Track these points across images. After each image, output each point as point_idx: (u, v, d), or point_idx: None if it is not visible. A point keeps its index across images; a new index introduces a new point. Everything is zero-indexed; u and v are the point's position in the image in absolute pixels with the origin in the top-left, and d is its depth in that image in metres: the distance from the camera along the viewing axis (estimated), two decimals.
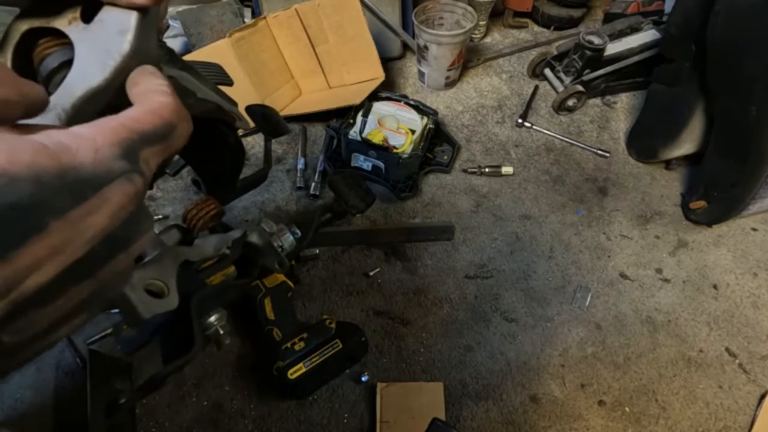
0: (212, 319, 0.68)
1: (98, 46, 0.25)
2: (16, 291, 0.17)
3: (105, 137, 0.19)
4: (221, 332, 0.68)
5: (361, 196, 0.89)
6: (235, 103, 0.51)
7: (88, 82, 0.25)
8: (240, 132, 1.21)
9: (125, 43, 0.25)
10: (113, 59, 0.25)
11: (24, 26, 0.28)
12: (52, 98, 0.25)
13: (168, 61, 0.38)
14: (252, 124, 0.71)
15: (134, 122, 0.20)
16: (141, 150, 0.20)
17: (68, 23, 0.27)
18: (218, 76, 0.54)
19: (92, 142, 0.18)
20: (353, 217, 0.99)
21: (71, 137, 0.18)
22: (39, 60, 0.28)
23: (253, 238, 0.69)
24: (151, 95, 0.22)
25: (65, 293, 0.19)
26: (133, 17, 0.25)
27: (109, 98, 0.26)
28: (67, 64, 0.26)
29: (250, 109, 0.75)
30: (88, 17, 0.26)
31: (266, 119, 0.74)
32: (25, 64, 0.29)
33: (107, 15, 0.26)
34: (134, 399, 0.73)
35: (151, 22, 0.26)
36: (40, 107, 0.20)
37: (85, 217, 0.18)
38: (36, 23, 0.27)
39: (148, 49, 0.26)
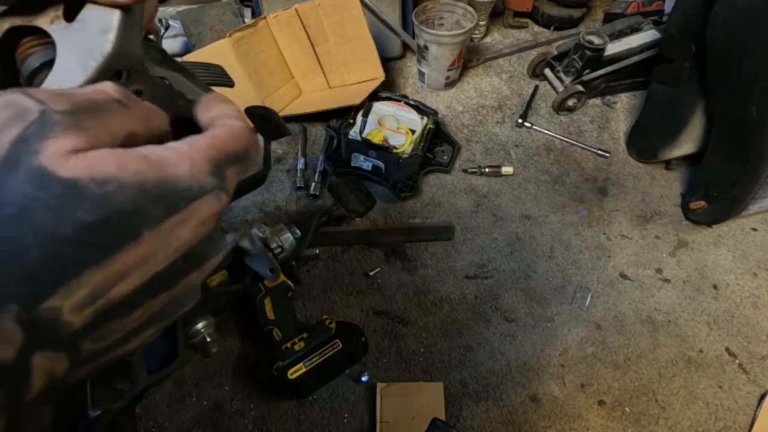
0: (199, 326, 0.66)
1: (79, 45, 0.25)
2: (103, 299, 0.17)
3: (200, 153, 0.19)
4: (208, 340, 0.66)
5: (361, 200, 0.89)
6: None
7: (68, 82, 0.24)
8: None
9: (107, 43, 0.24)
10: (94, 59, 0.24)
11: (6, 24, 0.27)
12: None
13: (161, 61, 0.38)
14: (251, 125, 0.71)
15: (221, 142, 0.21)
16: (226, 169, 0.21)
17: (50, 22, 0.26)
18: (219, 77, 0.53)
19: (189, 156, 0.19)
20: (353, 219, 0.99)
21: (170, 151, 0.19)
22: (21, 60, 0.27)
23: (245, 243, 0.67)
24: (228, 120, 0.22)
25: (143, 305, 0.19)
26: (115, 16, 0.24)
27: None
28: (49, 64, 0.26)
29: (249, 110, 0.75)
30: (71, 15, 0.26)
31: (266, 121, 0.73)
32: (8, 63, 0.28)
33: (89, 13, 0.25)
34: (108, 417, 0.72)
35: (134, 21, 0.26)
36: (160, 139, 0.20)
37: (174, 229, 0.18)
38: (18, 21, 0.27)
39: (132, 48, 0.26)
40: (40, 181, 0.16)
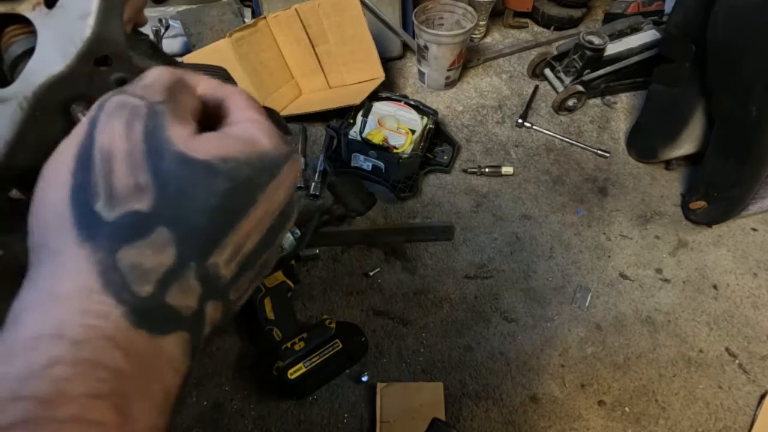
0: None
1: (60, 31, 0.25)
2: (240, 254, 0.21)
3: (269, 127, 0.23)
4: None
5: (362, 199, 0.89)
6: None
7: (49, 69, 0.24)
8: None
9: (86, 28, 0.24)
10: (74, 45, 0.24)
11: None
12: (14, 87, 0.24)
13: (152, 55, 0.38)
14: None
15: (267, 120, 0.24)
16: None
17: (32, 8, 0.26)
18: (222, 79, 0.53)
19: (267, 131, 0.22)
20: (353, 219, 0.99)
21: (251, 130, 0.22)
22: (5, 48, 0.27)
23: None
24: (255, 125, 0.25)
25: (261, 257, 0.23)
26: (93, 1, 0.24)
27: (78, 88, 0.25)
28: (31, 51, 0.25)
29: None
30: (51, 2, 0.25)
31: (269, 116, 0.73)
32: None
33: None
34: None
35: (115, 6, 0.25)
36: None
37: (276, 191, 0.22)
38: (1, 9, 0.27)
39: (113, 34, 0.25)
40: (185, 164, 0.19)
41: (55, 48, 0.24)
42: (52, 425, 0.15)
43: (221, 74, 0.51)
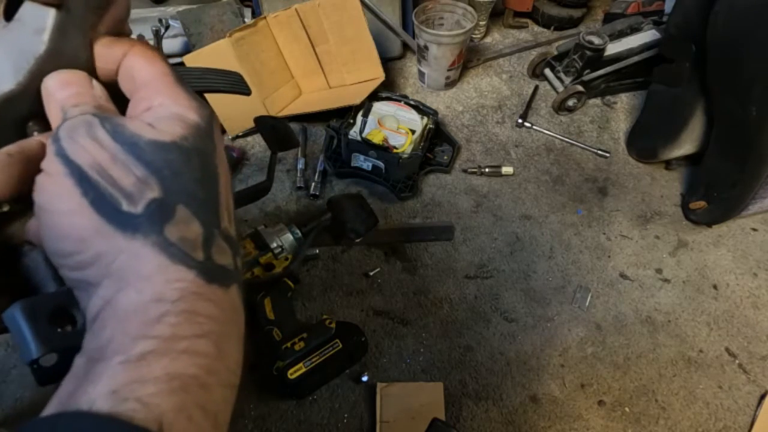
0: None
1: (14, 46, 0.23)
2: (231, 213, 0.25)
3: (185, 99, 0.25)
4: None
5: (362, 219, 0.89)
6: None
7: (0, 86, 0.23)
8: (239, 132, 1.21)
9: (40, 44, 0.23)
10: (27, 62, 0.23)
11: None
12: None
13: None
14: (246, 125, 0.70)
15: (167, 76, 0.26)
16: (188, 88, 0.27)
17: None
18: (236, 85, 0.52)
19: (188, 106, 0.24)
20: (352, 239, 0.97)
21: (176, 108, 0.24)
22: None
23: None
24: (134, 61, 0.27)
25: (234, 208, 0.26)
26: (50, 15, 0.23)
27: (33, 106, 0.24)
28: None
29: (259, 120, 0.73)
30: (10, 14, 0.24)
31: (275, 131, 0.72)
32: None
33: (25, 12, 0.23)
34: None
35: (74, 21, 0.24)
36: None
37: (221, 152, 0.25)
38: None
39: (71, 50, 0.24)
40: (163, 149, 0.22)
41: (8, 64, 0.23)
42: (172, 354, 0.19)
43: (234, 79, 0.50)
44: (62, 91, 0.24)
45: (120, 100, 0.25)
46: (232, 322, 0.23)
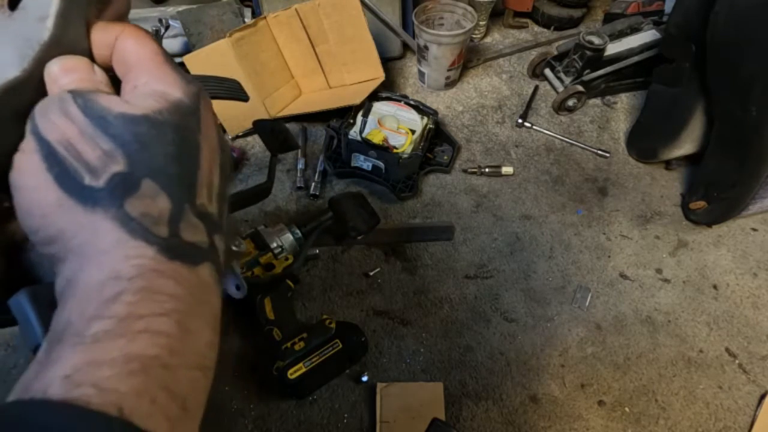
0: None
1: (18, 34, 0.24)
2: (214, 190, 0.25)
3: (171, 76, 0.25)
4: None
5: (364, 218, 0.89)
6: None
7: (4, 73, 0.23)
8: (239, 132, 1.21)
9: (45, 30, 0.23)
10: (32, 49, 0.23)
11: None
12: None
13: None
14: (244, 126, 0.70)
15: (156, 55, 0.26)
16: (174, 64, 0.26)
17: None
18: (233, 91, 0.53)
19: (170, 82, 0.24)
20: (354, 238, 0.97)
21: (160, 85, 0.24)
22: None
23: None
24: (126, 43, 0.27)
25: (225, 190, 0.26)
26: (53, 2, 0.23)
27: (36, 94, 0.24)
28: None
29: (258, 123, 0.73)
30: (15, 3, 0.25)
31: (274, 134, 0.72)
32: None
33: (29, 0, 0.24)
34: None
35: (78, 8, 0.24)
36: None
37: (207, 129, 0.25)
38: None
39: (75, 38, 0.25)
40: (133, 122, 0.22)
41: (13, 51, 0.23)
42: (129, 334, 0.19)
43: (230, 85, 0.50)
44: (65, 76, 0.24)
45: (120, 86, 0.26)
46: (200, 302, 0.22)
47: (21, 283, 0.25)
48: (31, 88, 0.24)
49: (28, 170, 0.22)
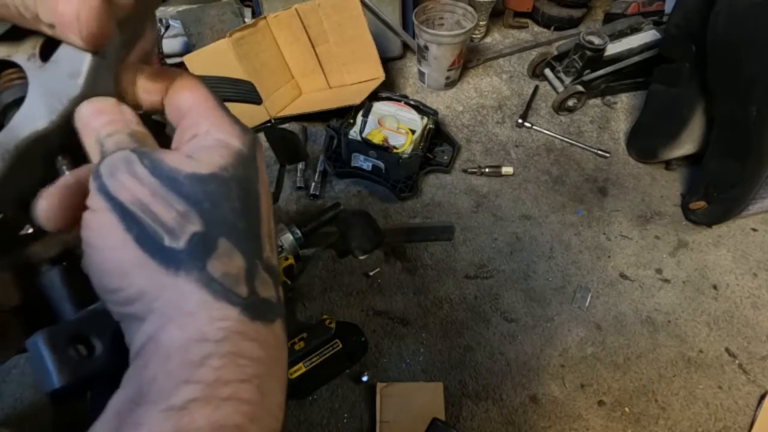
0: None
1: (49, 87, 0.24)
2: (273, 241, 0.25)
3: (230, 125, 0.25)
4: None
5: (368, 236, 0.89)
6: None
7: (33, 124, 0.24)
8: None
9: (75, 87, 0.24)
10: (61, 103, 0.24)
11: None
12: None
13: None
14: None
15: (209, 100, 0.27)
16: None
17: (27, 58, 0.26)
18: (247, 94, 0.53)
19: (229, 131, 0.25)
20: (357, 257, 0.97)
21: (221, 134, 0.24)
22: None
23: None
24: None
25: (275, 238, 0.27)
26: (86, 60, 0.24)
27: (62, 141, 0.25)
28: (20, 101, 0.25)
29: (269, 131, 0.73)
30: (47, 54, 0.25)
31: (285, 143, 0.71)
32: None
33: (62, 55, 0.24)
34: None
35: (107, 64, 0.25)
36: None
37: (263, 176, 0.25)
38: (1, 53, 0.26)
39: (102, 91, 0.25)
40: (202, 182, 0.22)
41: (42, 103, 0.24)
42: (216, 402, 0.19)
43: (244, 88, 0.50)
44: (96, 119, 0.24)
45: (150, 123, 0.26)
46: (276, 362, 0.22)
47: (34, 306, 0.25)
48: (59, 135, 0.24)
49: (104, 229, 0.22)
